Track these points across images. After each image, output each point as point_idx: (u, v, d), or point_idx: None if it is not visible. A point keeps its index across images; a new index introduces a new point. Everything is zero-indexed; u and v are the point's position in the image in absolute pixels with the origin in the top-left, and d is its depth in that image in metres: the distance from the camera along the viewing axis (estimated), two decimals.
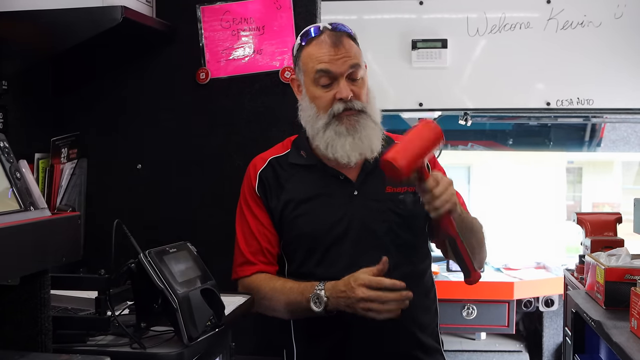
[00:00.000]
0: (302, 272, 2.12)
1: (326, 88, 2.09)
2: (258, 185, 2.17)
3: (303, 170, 2.17)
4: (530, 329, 4.60)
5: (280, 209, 2.14)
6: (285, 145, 2.25)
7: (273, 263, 2.17)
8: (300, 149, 2.19)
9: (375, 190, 2.14)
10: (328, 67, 2.07)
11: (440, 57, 3.36)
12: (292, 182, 2.16)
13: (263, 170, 2.18)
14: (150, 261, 1.59)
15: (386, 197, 2.13)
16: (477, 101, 3.43)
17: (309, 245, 2.11)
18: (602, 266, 2.13)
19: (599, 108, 3.38)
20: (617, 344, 1.77)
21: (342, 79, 2.07)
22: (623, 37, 3.30)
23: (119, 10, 2.13)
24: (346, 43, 2.09)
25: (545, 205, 5.00)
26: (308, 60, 2.11)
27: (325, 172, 2.15)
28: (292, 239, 2.14)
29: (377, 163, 2.13)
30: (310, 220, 2.11)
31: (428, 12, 3.39)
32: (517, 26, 3.36)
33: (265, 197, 2.16)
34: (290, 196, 2.14)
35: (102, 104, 2.57)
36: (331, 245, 2.09)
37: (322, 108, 2.10)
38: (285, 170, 2.18)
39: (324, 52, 2.07)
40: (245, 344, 2.16)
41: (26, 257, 1.36)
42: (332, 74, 2.07)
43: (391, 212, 2.11)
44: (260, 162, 2.21)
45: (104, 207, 2.52)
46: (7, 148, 1.45)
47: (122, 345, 1.60)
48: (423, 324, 2.14)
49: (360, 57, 2.12)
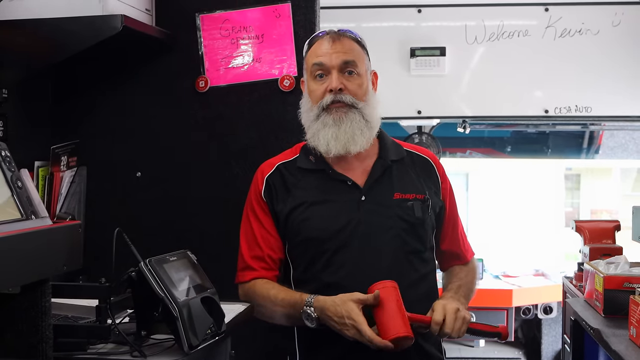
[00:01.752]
0: (307, 277, 2.12)
1: (320, 80, 2.12)
2: (265, 189, 2.17)
3: (311, 175, 2.17)
4: (529, 336, 4.60)
5: (286, 213, 2.13)
6: (294, 150, 2.26)
7: (274, 269, 2.17)
8: (309, 154, 2.20)
9: (383, 196, 2.13)
10: (321, 59, 2.11)
11: (439, 64, 3.37)
12: (299, 187, 2.16)
13: (270, 175, 2.18)
14: (150, 269, 1.60)
15: (394, 204, 2.12)
16: (475, 109, 3.44)
17: (314, 249, 2.10)
18: (601, 274, 2.13)
19: (597, 115, 3.40)
20: (616, 352, 1.77)
21: (334, 72, 2.10)
22: (621, 44, 3.32)
23: (119, 19, 2.14)
24: (346, 42, 2.13)
25: (543, 212, 5.02)
26: (309, 57, 2.16)
27: (333, 177, 2.15)
28: (297, 244, 2.14)
29: (385, 169, 2.15)
30: (317, 225, 2.10)
31: (427, 20, 3.41)
32: (516, 34, 3.38)
33: (271, 202, 2.16)
34: (297, 200, 2.14)
35: (102, 112, 2.58)
36: (336, 250, 2.08)
37: (315, 100, 2.13)
38: (292, 175, 2.18)
39: (322, 47, 2.13)
40: (245, 352, 2.16)
41: (27, 265, 1.36)
42: (324, 66, 2.11)
43: (398, 218, 2.11)
44: (267, 168, 2.21)
45: (104, 215, 2.51)
46: (8, 157, 1.46)
47: (123, 354, 1.60)
48: (427, 333, 2.13)
49: (359, 56, 2.14)
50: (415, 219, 2.11)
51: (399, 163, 2.20)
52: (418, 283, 2.10)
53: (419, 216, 2.10)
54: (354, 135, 2.10)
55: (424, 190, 2.16)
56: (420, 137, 3.75)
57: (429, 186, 2.19)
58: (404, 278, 2.04)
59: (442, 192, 2.23)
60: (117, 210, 2.53)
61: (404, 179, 2.17)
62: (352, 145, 2.10)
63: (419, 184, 2.17)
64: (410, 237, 2.11)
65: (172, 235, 2.48)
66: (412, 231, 2.11)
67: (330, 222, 2.09)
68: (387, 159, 2.18)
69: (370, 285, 1.95)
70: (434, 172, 2.24)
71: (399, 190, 2.14)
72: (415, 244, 2.11)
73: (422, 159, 2.25)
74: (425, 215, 2.12)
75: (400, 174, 2.18)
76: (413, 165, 2.22)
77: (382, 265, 2.04)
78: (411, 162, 2.23)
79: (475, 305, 4.06)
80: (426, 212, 2.13)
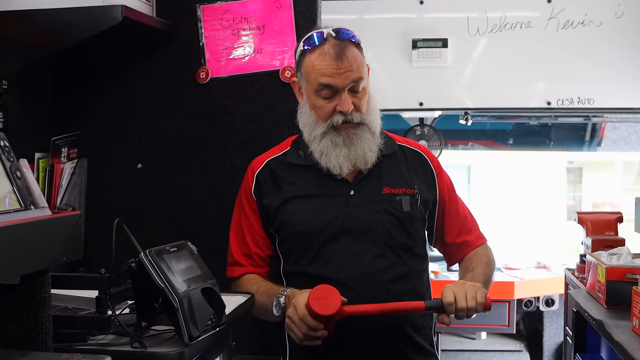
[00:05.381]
0: (296, 270, 2.13)
1: (327, 100, 2.08)
2: (255, 187, 2.18)
3: (300, 170, 2.18)
4: (530, 328, 4.60)
5: (275, 207, 2.14)
6: (284, 145, 2.26)
7: (262, 266, 2.20)
8: (299, 149, 2.20)
9: (371, 190, 2.14)
10: (330, 81, 2.05)
11: (441, 56, 3.36)
12: (288, 182, 2.16)
13: (260, 172, 2.19)
14: (150, 260, 1.59)
15: (382, 198, 2.13)
16: (477, 101, 3.43)
17: (303, 243, 2.12)
18: (604, 265, 2.12)
19: (600, 107, 3.38)
20: (619, 343, 1.76)
21: (344, 93, 2.06)
22: (624, 36, 3.30)
23: (119, 10, 2.13)
24: (349, 54, 2.06)
25: (545, 205, 5.00)
26: (311, 70, 2.09)
27: (323, 172, 2.14)
28: (286, 237, 2.15)
29: (375, 164, 2.14)
30: (305, 219, 2.11)
31: (428, 11, 3.39)
32: (518, 25, 3.36)
33: (260, 199, 2.17)
34: (286, 195, 2.14)
35: (103, 103, 2.57)
36: (325, 244, 2.09)
37: (321, 117, 2.10)
38: (282, 170, 2.19)
39: (327, 64, 2.05)
40: (246, 344, 2.16)
41: (26, 256, 1.36)
42: (334, 88, 2.06)
43: (387, 212, 2.12)
44: (257, 164, 2.21)
45: (105, 207, 2.51)
46: (7, 147, 1.45)
47: (123, 345, 1.60)
48: (418, 325, 2.13)
49: (363, 68, 2.09)
50: (403, 214, 2.11)
51: (390, 157, 2.19)
52: (407, 277, 2.11)
53: (407, 211, 2.11)
54: (365, 155, 2.11)
55: (413, 185, 2.16)
56: (422, 129, 3.74)
57: (420, 180, 2.19)
58: (391, 271, 2.06)
59: (439, 186, 2.23)
60: (117, 202, 2.53)
61: (393, 174, 2.17)
62: (363, 165, 2.12)
63: (409, 179, 2.17)
64: (398, 232, 2.11)
65: (173, 227, 2.48)
66: (400, 226, 2.12)
67: (318, 216, 2.10)
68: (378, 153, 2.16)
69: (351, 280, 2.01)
70: (428, 166, 2.24)
71: (388, 184, 2.14)
72: (403, 238, 2.12)
73: (414, 153, 2.25)
74: (414, 209, 2.13)
75: (391, 168, 2.18)
76: (405, 160, 2.22)
77: (368, 259, 2.05)
78: (403, 157, 2.23)
79: None
80: (415, 206, 2.13)
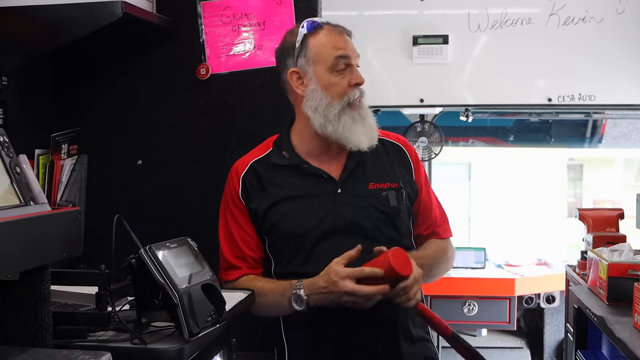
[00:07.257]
0: (288, 272, 2.12)
1: (341, 74, 2.10)
2: (241, 190, 2.17)
3: (285, 170, 2.16)
4: (531, 325, 4.59)
5: (264, 210, 2.13)
6: (265, 146, 2.24)
7: (256, 267, 2.19)
8: (282, 149, 2.18)
9: (358, 187, 2.14)
10: (346, 52, 2.10)
11: (442, 53, 3.35)
12: (274, 183, 2.15)
13: (245, 174, 2.18)
14: (150, 256, 1.59)
15: (369, 194, 2.13)
16: (478, 97, 3.42)
17: (294, 244, 2.11)
18: (605, 261, 2.12)
19: (601, 104, 3.37)
20: (620, 339, 1.76)
21: (354, 66, 2.12)
22: (625, 33, 3.29)
23: (119, 6, 2.13)
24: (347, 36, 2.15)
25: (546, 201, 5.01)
26: (322, 48, 2.10)
27: (308, 172, 2.14)
28: (277, 240, 2.14)
29: (359, 160, 2.15)
30: (295, 220, 2.11)
31: (429, 7, 3.38)
32: (519, 22, 3.35)
33: (247, 201, 2.16)
34: (274, 197, 2.13)
35: (103, 99, 2.57)
36: (316, 243, 2.09)
37: (337, 95, 2.10)
38: (267, 171, 2.17)
39: (337, 38, 2.11)
40: (246, 340, 2.16)
41: (26, 252, 1.35)
42: (349, 59, 2.10)
43: (374, 208, 2.12)
44: (242, 167, 2.20)
45: (105, 203, 2.51)
46: (7, 143, 1.45)
47: (123, 341, 1.59)
48: (410, 316, 2.13)
49: None
50: (390, 209, 2.13)
51: (372, 152, 2.18)
52: None
53: (394, 205, 2.12)
54: (373, 129, 2.14)
55: (397, 179, 2.17)
56: (422, 126, 3.73)
57: (402, 173, 2.20)
58: None
59: (416, 178, 2.24)
60: (117, 198, 2.53)
61: (377, 169, 2.18)
62: (374, 140, 2.14)
63: (392, 172, 2.18)
64: (386, 227, 2.12)
65: (173, 223, 2.48)
66: (388, 220, 2.13)
67: (307, 217, 2.10)
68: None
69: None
70: (406, 158, 2.25)
71: (373, 180, 2.15)
72: (391, 232, 2.13)
73: (394, 146, 2.26)
74: (400, 203, 2.14)
75: (375, 163, 2.18)
76: (386, 153, 2.23)
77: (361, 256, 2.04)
78: (384, 150, 2.23)
79: (478, 295, 4.07)
80: (401, 200, 2.14)
